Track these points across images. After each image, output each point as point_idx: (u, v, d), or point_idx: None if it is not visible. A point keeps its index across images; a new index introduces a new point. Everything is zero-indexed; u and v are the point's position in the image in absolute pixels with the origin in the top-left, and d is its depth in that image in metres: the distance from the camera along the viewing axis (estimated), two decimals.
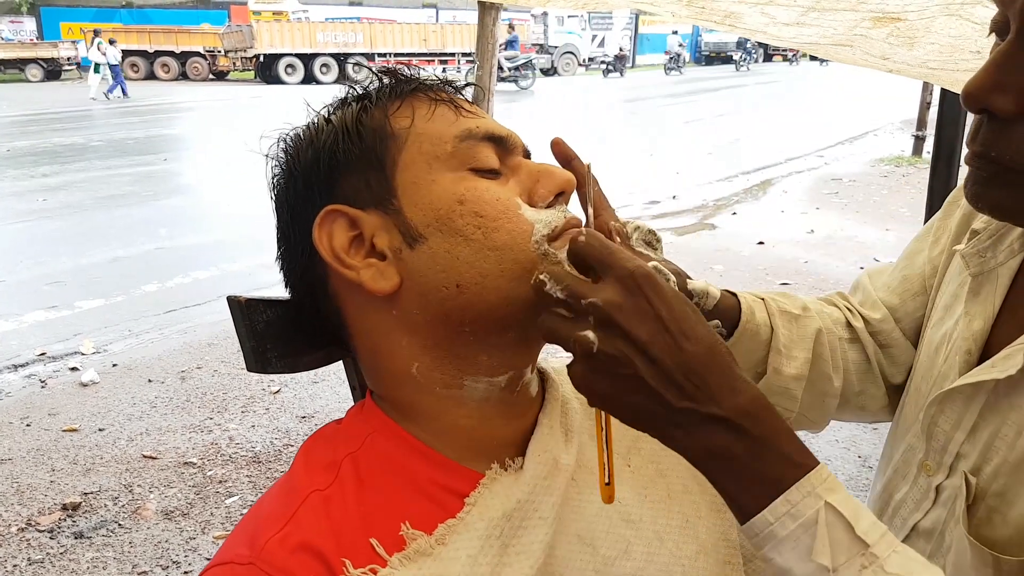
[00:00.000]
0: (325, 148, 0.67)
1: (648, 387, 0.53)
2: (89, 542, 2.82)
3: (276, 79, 27.05)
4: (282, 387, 4.07)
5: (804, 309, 0.92)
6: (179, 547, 2.80)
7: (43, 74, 27.09)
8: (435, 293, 0.64)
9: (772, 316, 0.89)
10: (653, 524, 0.71)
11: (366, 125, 0.67)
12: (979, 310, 0.81)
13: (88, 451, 3.44)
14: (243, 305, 0.74)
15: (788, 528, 0.52)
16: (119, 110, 17.57)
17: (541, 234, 0.64)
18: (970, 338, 0.80)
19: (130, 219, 7.65)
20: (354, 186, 0.66)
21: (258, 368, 0.76)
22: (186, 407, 3.89)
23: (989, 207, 0.72)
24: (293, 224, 0.70)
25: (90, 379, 4.14)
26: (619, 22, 35.45)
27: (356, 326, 0.70)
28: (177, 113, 17.60)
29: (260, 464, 3.34)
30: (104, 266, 6.15)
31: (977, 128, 0.69)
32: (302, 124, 0.71)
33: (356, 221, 0.66)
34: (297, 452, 0.70)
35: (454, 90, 0.71)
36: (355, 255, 0.66)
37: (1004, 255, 0.81)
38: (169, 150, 12.06)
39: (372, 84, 0.71)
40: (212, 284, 5.76)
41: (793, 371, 0.89)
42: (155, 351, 4.58)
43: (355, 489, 0.64)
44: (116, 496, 3.10)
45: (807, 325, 0.91)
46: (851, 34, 0.92)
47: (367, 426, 0.69)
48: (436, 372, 0.67)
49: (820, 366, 0.91)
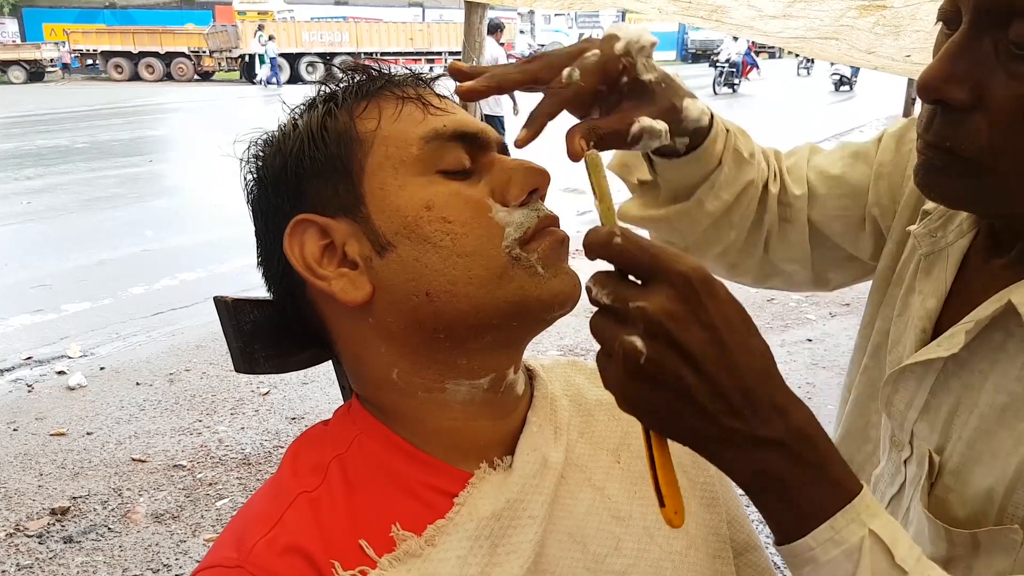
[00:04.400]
0: (292, 155, 0.66)
1: (696, 403, 0.50)
2: (79, 547, 2.81)
3: None
4: (271, 389, 4.06)
5: (751, 155, 0.91)
6: (169, 550, 2.79)
7: (26, 75, 26.86)
8: (406, 302, 0.63)
9: (726, 151, 0.88)
10: (643, 520, 0.71)
11: (331, 129, 0.66)
12: (931, 288, 0.82)
13: (76, 455, 3.42)
14: (230, 305, 0.74)
15: (830, 554, 0.51)
16: (110, 111, 17.46)
17: (512, 238, 0.63)
18: (924, 316, 0.81)
19: (116, 221, 7.61)
20: (323, 193, 0.65)
21: (246, 368, 0.75)
22: (175, 410, 3.87)
23: (940, 196, 0.73)
24: (267, 231, 0.69)
25: (77, 383, 4.12)
26: (605, 20, 35.47)
27: (336, 332, 0.69)
28: (162, 114, 17.50)
29: (250, 466, 3.33)
30: (90, 269, 6.11)
31: (930, 118, 0.69)
32: (273, 128, 0.70)
33: (327, 230, 0.65)
34: (285, 453, 0.69)
35: (423, 84, 0.70)
36: (328, 265, 0.65)
37: (953, 235, 0.82)
38: (155, 151, 11.99)
39: (345, 81, 0.69)
40: (200, 286, 5.73)
41: (712, 208, 0.90)
42: (143, 354, 4.56)
43: (343, 491, 0.63)
44: (105, 500, 3.09)
45: (746, 172, 0.90)
46: (837, 25, 0.92)
47: (354, 428, 0.68)
48: (416, 377, 0.66)
49: (731, 214, 0.92)
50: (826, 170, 0.97)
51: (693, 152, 0.84)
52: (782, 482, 0.51)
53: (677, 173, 0.88)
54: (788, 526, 0.53)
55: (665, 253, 0.51)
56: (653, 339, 0.49)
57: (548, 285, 0.63)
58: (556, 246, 0.65)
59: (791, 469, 0.51)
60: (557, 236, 0.66)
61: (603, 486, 0.71)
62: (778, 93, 21.21)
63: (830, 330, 4.92)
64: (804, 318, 5.13)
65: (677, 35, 36.68)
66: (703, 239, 0.95)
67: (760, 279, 1.03)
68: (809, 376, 4.25)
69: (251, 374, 0.75)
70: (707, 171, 0.87)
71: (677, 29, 35.61)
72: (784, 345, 4.68)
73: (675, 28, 34.78)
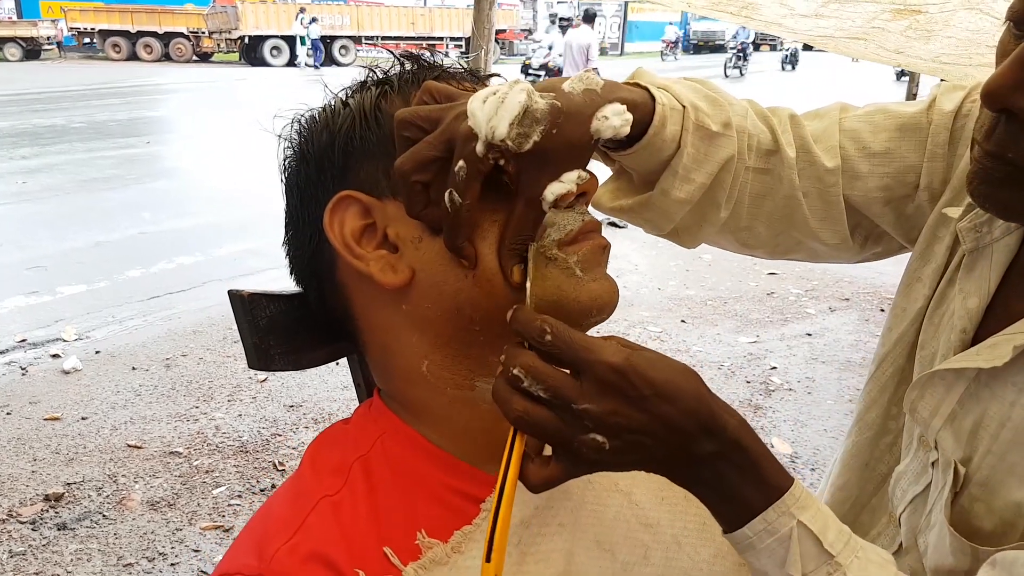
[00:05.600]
0: (341, 132, 0.65)
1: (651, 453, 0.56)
2: (73, 534, 2.77)
3: (261, 61, 26.80)
4: (269, 376, 4.01)
5: (725, 126, 0.80)
6: (165, 538, 2.76)
7: (22, 53, 26.65)
8: (450, 283, 0.61)
9: (685, 132, 0.78)
10: (671, 527, 0.70)
11: (385, 111, 0.64)
12: (974, 287, 0.78)
13: (71, 440, 3.38)
14: (245, 300, 0.71)
15: (765, 542, 0.58)
16: (107, 91, 17.35)
17: (552, 238, 0.60)
18: (965, 316, 0.77)
19: (113, 203, 7.54)
20: (370, 174, 0.64)
21: (260, 365, 0.72)
22: (171, 395, 3.83)
23: (995, 207, 0.70)
24: (302, 208, 0.67)
25: (72, 366, 4.07)
26: (609, 8, 35.35)
27: (364, 320, 0.67)
28: (161, 95, 17.38)
29: (247, 454, 3.30)
30: (86, 251, 6.05)
31: (992, 126, 0.65)
32: (317, 106, 0.68)
33: (370, 209, 0.63)
34: (304, 454, 0.67)
35: (478, 78, 0.69)
36: (366, 245, 0.63)
37: (1000, 231, 0.77)
38: (152, 133, 11.90)
39: (393, 70, 0.68)
40: (197, 270, 5.69)
41: (683, 195, 0.81)
42: (139, 338, 4.51)
43: (366, 495, 0.61)
44: (100, 486, 3.05)
45: (720, 148, 0.80)
46: (868, 27, 0.89)
47: (376, 427, 0.66)
48: (446, 372, 0.64)
49: (714, 193, 0.84)
50: (867, 145, 0.87)
51: (638, 143, 0.76)
52: (721, 484, 0.58)
53: (635, 162, 0.80)
54: (731, 518, 0.59)
55: (588, 347, 0.54)
56: (607, 432, 0.54)
57: (587, 288, 0.61)
58: (598, 251, 0.63)
59: (728, 473, 0.57)
60: (599, 242, 0.64)
61: (630, 491, 0.70)
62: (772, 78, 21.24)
63: (829, 325, 4.90)
64: (804, 312, 5.11)
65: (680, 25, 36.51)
66: (688, 225, 0.87)
67: (777, 254, 0.96)
68: (808, 371, 4.23)
69: (265, 371, 0.72)
70: (664, 158, 0.79)
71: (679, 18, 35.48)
72: (783, 339, 4.67)
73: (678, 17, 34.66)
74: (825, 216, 0.89)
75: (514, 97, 0.56)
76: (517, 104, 0.55)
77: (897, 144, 0.86)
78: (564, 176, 0.58)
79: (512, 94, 0.56)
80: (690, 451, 0.56)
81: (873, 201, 0.88)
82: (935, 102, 0.87)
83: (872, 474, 0.94)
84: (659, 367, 0.55)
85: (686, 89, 0.80)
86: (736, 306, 5.21)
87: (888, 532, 0.89)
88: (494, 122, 0.55)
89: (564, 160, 0.59)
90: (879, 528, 0.91)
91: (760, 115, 0.88)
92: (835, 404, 3.88)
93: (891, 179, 0.87)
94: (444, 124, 0.58)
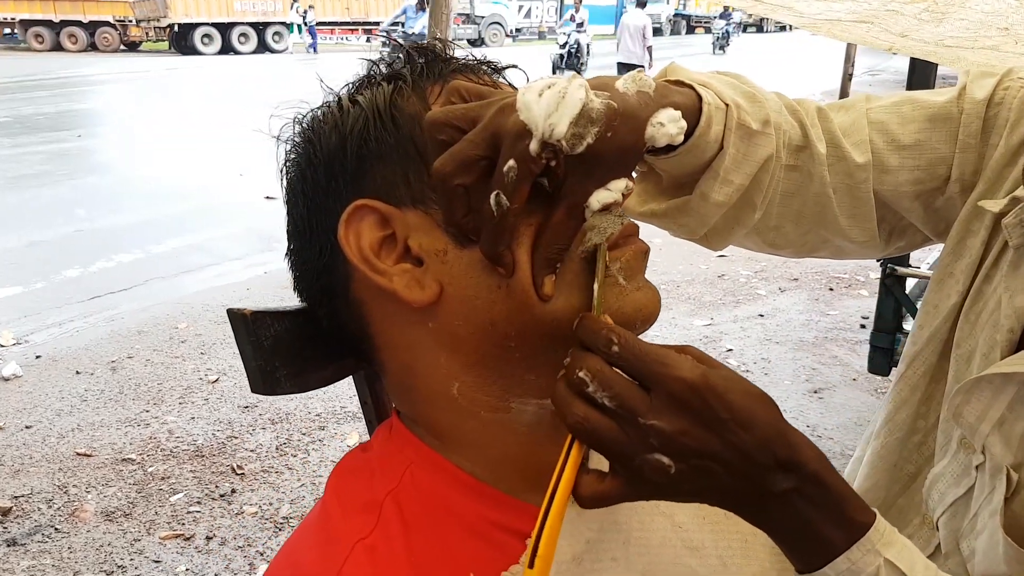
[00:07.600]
0: (353, 134, 0.59)
1: (722, 482, 0.52)
2: (24, 549, 2.65)
3: (192, 50, 26.02)
4: (220, 376, 3.90)
5: (764, 124, 0.77)
6: (123, 550, 2.66)
7: None
8: (484, 296, 0.56)
9: (728, 131, 0.74)
10: (715, 548, 0.66)
11: (402, 110, 0.59)
12: (1020, 285, 0.76)
13: (15, 451, 3.24)
14: (248, 319, 0.65)
15: None
16: (32, 83, 16.64)
17: (592, 242, 0.56)
18: (1013, 315, 0.75)
19: (45, 200, 7.24)
20: (388, 180, 0.58)
21: (265, 390, 0.67)
22: (119, 400, 3.69)
23: None
24: (310, 218, 0.61)
25: (12, 373, 3.89)
26: None
27: (383, 340, 0.62)
28: (89, 87, 16.74)
29: (203, 458, 3.20)
30: (20, 251, 5.79)
31: None
32: (316, 105, 0.63)
33: (389, 219, 0.58)
34: (325, 488, 0.62)
35: (498, 72, 0.64)
36: (385, 258, 0.58)
37: None
38: (83, 126, 11.44)
39: (398, 63, 0.62)
40: (137, 267, 5.50)
41: (721, 198, 0.78)
42: (81, 341, 4.34)
43: (401, 534, 0.56)
44: (50, 498, 2.92)
45: (759, 147, 0.77)
46: (883, 10, 0.88)
47: (402, 456, 0.61)
48: (479, 393, 0.59)
49: (751, 195, 0.80)
50: (897, 137, 0.84)
51: (682, 146, 0.72)
52: (797, 522, 0.54)
53: (673, 165, 0.77)
54: (808, 558, 0.55)
55: (662, 360, 0.51)
56: (674, 454, 0.50)
57: (631, 298, 0.57)
58: (640, 257, 0.59)
59: (806, 510, 0.53)
60: (641, 247, 0.60)
61: (672, 513, 0.66)
62: None
63: (780, 305, 4.98)
64: (755, 293, 5.18)
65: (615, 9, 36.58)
66: (719, 228, 0.84)
67: (803, 252, 0.93)
68: (763, 351, 4.29)
69: (271, 395, 0.67)
70: (706, 159, 0.75)
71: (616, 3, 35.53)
72: (737, 321, 4.72)
73: None
74: (854, 213, 0.86)
75: (574, 93, 0.51)
76: (578, 101, 0.51)
77: (927, 135, 0.84)
78: (612, 184, 0.54)
79: (571, 89, 0.51)
80: (762, 485, 0.52)
81: (903, 195, 0.85)
82: (965, 90, 0.84)
83: (900, 474, 0.92)
84: (737, 390, 0.51)
85: (725, 85, 0.76)
86: (689, 289, 5.25)
87: (922, 534, 0.88)
88: (553, 119, 0.50)
89: (614, 166, 0.54)
90: (911, 530, 0.89)
91: (789, 108, 0.84)
92: (792, 384, 3.93)
93: (922, 172, 0.84)
94: (486, 119, 0.52)
